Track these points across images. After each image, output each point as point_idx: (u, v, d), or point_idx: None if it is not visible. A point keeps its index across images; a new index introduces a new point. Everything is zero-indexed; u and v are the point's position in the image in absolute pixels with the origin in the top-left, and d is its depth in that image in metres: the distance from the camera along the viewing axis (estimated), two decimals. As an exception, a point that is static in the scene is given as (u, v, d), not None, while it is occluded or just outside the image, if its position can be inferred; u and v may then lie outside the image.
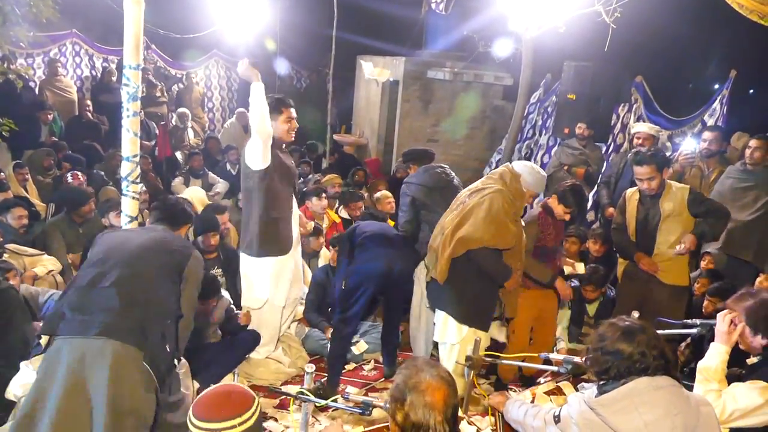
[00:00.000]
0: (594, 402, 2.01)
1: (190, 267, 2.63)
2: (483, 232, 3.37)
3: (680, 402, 1.95)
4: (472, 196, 3.53)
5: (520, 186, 3.53)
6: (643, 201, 4.06)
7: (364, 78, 10.06)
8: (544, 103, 8.14)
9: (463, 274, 3.52)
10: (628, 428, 1.92)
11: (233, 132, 9.32)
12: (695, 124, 6.22)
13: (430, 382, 1.76)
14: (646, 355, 1.98)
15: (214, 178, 7.28)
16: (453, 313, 3.59)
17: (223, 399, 1.83)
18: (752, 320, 2.54)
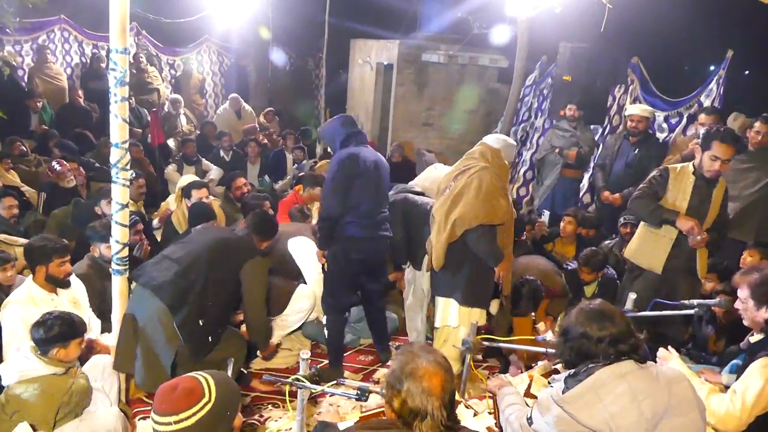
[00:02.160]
0: (560, 398, 1.98)
1: (246, 270, 3.30)
2: (478, 209, 3.38)
3: (647, 385, 1.90)
4: (457, 179, 3.53)
5: (502, 160, 3.57)
6: (698, 186, 3.67)
7: (358, 62, 9.97)
8: (540, 86, 8.07)
9: (461, 258, 3.53)
10: (595, 422, 1.89)
11: (226, 117, 9.24)
12: (691, 105, 6.17)
13: (427, 368, 1.73)
14: (589, 338, 1.96)
15: (208, 165, 7.22)
16: (457, 298, 3.61)
17: (169, 392, 1.73)
18: (757, 293, 2.56)
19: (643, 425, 1.86)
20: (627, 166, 5.73)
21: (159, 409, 1.72)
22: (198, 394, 1.72)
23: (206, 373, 1.80)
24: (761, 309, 2.54)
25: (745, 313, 2.62)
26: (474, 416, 2.74)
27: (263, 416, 3.53)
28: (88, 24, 9.52)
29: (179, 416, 1.68)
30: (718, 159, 3.53)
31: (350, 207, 3.71)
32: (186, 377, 1.79)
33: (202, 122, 9.34)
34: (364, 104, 9.92)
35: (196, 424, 1.69)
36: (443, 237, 3.47)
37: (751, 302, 2.57)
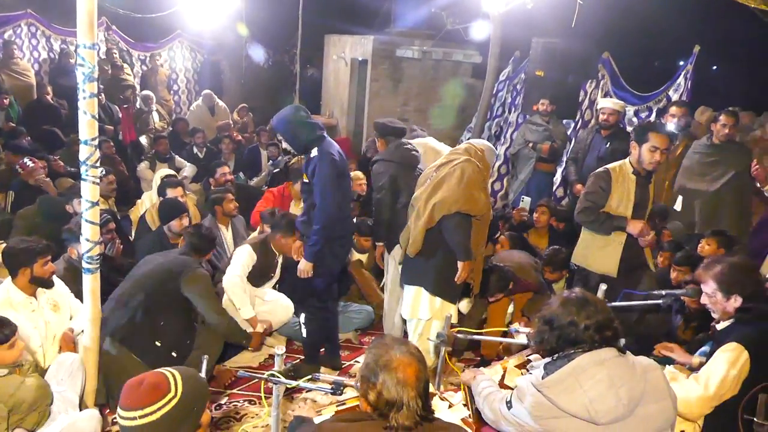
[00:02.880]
0: (540, 384, 2.02)
1: (186, 288, 3.46)
2: (458, 195, 3.43)
3: (625, 372, 1.95)
4: (440, 169, 3.57)
5: (485, 158, 3.65)
6: (638, 185, 3.74)
7: (333, 57, 9.94)
8: (513, 81, 8.14)
9: (436, 245, 3.57)
10: (575, 407, 1.93)
11: (199, 114, 9.13)
12: (660, 99, 6.29)
13: (401, 359, 1.75)
14: (575, 325, 1.99)
15: (181, 162, 7.13)
16: (427, 285, 3.64)
17: (134, 386, 1.73)
18: (725, 284, 2.59)
19: (620, 410, 1.90)
20: (599, 160, 5.81)
21: (124, 403, 1.71)
22: (163, 389, 1.72)
23: (174, 369, 1.80)
24: (731, 298, 2.57)
25: (714, 306, 2.65)
26: (449, 408, 2.77)
27: (239, 413, 3.52)
28: (56, 19, 9.33)
29: (144, 411, 1.68)
30: (658, 149, 3.60)
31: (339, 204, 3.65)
32: (153, 372, 1.78)
33: (174, 119, 9.22)
34: (339, 100, 9.90)
35: (161, 419, 1.69)
36: (422, 221, 3.51)
37: (719, 294, 2.59)
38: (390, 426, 1.70)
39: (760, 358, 2.45)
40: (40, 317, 3.28)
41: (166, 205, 4.71)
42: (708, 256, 3.53)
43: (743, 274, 2.57)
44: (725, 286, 2.58)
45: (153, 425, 1.68)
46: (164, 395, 1.71)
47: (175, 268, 3.52)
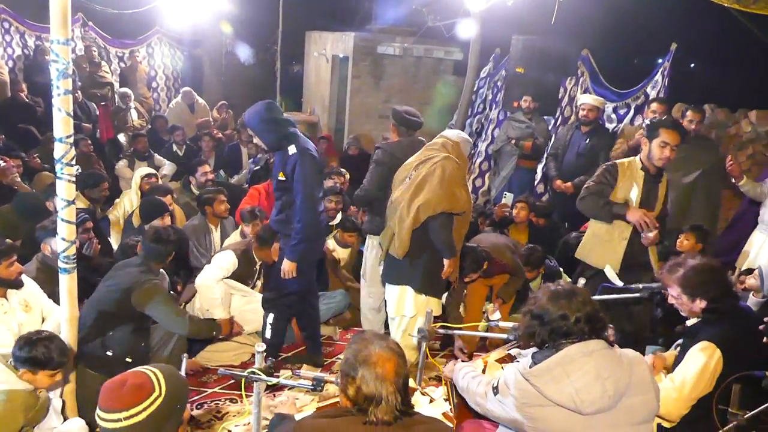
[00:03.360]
0: (528, 372, 2.04)
1: (137, 302, 3.34)
2: (441, 196, 3.41)
3: (611, 364, 1.98)
4: (419, 168, 3.54)
5: (462, 153, 3.63)
6: (646, 181, 3.70)
7: (314, 54, 9.90)
8: (494, 77, 8.18)
9: (422, 246, 3.56)
10: (561, 396, 1.96)
11: (179, 111, 9.05)
12: (638, 96, 6.36)
13: (381, 354, 1.76)
14: (567, 318, 2.01)
15: (161, 160, 7.06)
16: (414, 284, 3.63)
17: (117, 388, 1.70)
18: (688, 288, 2.62)
19: (606, 402, 1.93)
20: (578, 156, 5.88)
21: (107, 405, 1.68)
22: (148, 388, 1.70)
23: (153, 367, 1.78)
24: (695, 301, 2.61)
25: (681, 307, 2.69)
26: (430, 403, 2.78)
27: (220, 412, 3.51)
28: (30, 14, 9.16)
29: (129, 412, 1.66)
30: (668, 145, 3.56)
31: None
32: (134, 372, 1.76)
33: (153, 116, 9.13)
34: (320, 97, 9.87)
35: (148, 418, 1.67)
36: (407, 224, 3.47)
37: (684, 297, 2.63)
38: (369, 421, 1.71)
39: (732, 353, 2.50)
40: (13, 318, 3.22)
41: (148, 204, 4.67)
42: (686, 252, 3.59)
43: (706, 278, 2.59)
44: (689, 290, 2.61)
45: (139, 425, 1.66)
46: (149, 394, 1.69)
47: (124, 285, 3.38)
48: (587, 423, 1.95)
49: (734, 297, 2.75)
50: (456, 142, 3.63)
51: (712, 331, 2.57)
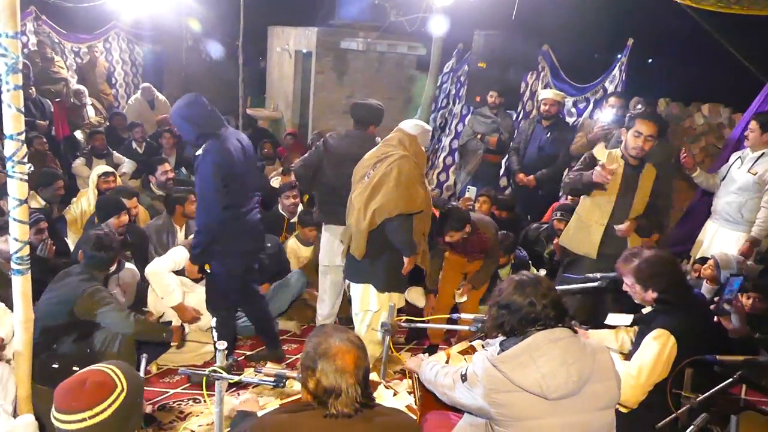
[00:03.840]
0: (496, 359, 2.08)
1: (80, 312, 3.23)
2: (397, 199, 3.39)
3: (576, 351, 2.05)
4: (376, 167, 3.52)
5: (419, 147, 3.59)
6: (625, 173, 3.79)
7: (276, 50, 9.81)
8: (457, 72, 8.24)
9: (381, 246, 3.55)
10: (528, 382, 2.00)
11: (138, 108, 8.86)
12: (597, 91, 6.50)
13: (340, 347, 1.77)
14: (534, 305, 2.07)
15: (120, 158, 6.90)
16: (376, 284, 3.63)
17: (77, 388, 1.67)
18: (641, 279, 2.73)
19: (570, 387, 1.99)
20: (540, 149, 5.98)
21: (67, 407, 1.65)
22: (110, 385, 1.68)
23: (109, 364, 1.76)
24: (648, 291, 2.71)
25: (635, 296, 2.80)
26: (394, 396, 2.80)
27: (183, 412, 3.46)
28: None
29: (94, 410, 1.63)
30: (641, 135, 3.66)
31: (228, 203, 3.49)
32: (91, 371, 1.73)
33: (111, 113, 8.92)
34: (284, 92, 9.79)
35: (113, 415, 1.65)
36: (363, 226, 3.47)
37: (637, 287, 2.74)
38: (329, 414, 1.71)
39: (685, 339, 2.58)
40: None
41: (104, 202, 4.56)
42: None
43: (658, 270, 2.69)
44: (641, 281, 2.72)
45: (104, 424, 1.63)
46: (112, 391, 1.67)
47: (64, 297, 3.28)
48: (552, 408, 2.01)
49: (686, 288, 2.85)
50: (413, 135, 3.58)
51: (665, 319, 2.66)
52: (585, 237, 3.93)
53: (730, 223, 4.48)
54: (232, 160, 3.42)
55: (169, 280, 3.93)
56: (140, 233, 4.59)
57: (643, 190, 3.82)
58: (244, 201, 3.60)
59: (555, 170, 5.86)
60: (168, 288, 3.90)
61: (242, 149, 3.55)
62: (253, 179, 3.72)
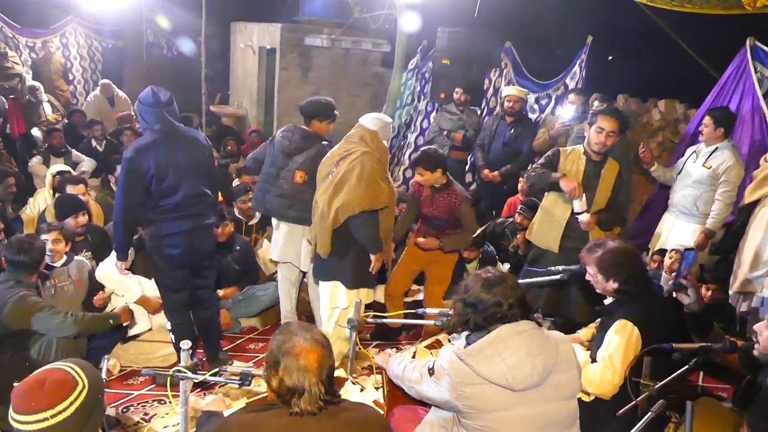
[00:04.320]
0: (462, 353, 2.11)
1: (9, 321, 3.09)
2: (360, 196, 3.40)
3: (540, 343, 2.09)
4: (339, 165, 3.52)
5: (381, 142, 3.58)
6: (587, 168, 3.88)
7: (240, 46, 9.70)
8: (422, 69, 8.27)
9: (347, 243, 3.56)
10: (494, 374, 2.04)
11: (97, 105, 8.67)
12: (558, 87, 6.60)
13: (304, 346, 1.76)
14: (501, 305, 2.10)
15: (79, 156, 6.74)
16: (345, 281, 3.63)
17: (36, 388, 1.63)
18: (603, 269, 2.78)
19: (535, 378, 2.03)
20: (504, 146, 6.06)
21: (27, 407, 1.60)
22: (71, 382, 1.65)
23: (67, 362, 1.72)
24: (609, 281, 2.78)
25: (596, 285, 2.86)
26: (361, 392, 2.81)
27: (148, 414, 3.41)
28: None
29: (56, 409, 1.60)
30: (603, 131, 3.74)
31: (156, 203, 3.41)
32: (49, 369, 1.69)
33: (69, 110, 8.69)
34: (248, 89, 9.69)
35: (75, 412, 1.62)
36: (327, 224, 3.47)
37: (599, 276, 2.80)
38: (294, 412, 1.71)
39: (645, 329, 2.65)
40: None
41: (63, 201, 4.46)
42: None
43: (619, 261, 2.75)
44: (603, 271, 2.77)
45: (66, 422, 1.60)
46: (73, 388, 1.63)
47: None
48: (518, 399, 2.05)
49: (647, 280, 2.93)
50: (374, 131, 3.56)
51: (626, 310, 2.72)
52: (548, 231, 4.01)
53: (686, 215, 4.61)
54: (143, 161, 3.30)
55: (121, 278, 3.86)
56: (101, 233, 4.50)
57: (605, 184, 3.90)
58: (178, 203, 3.43)
59: (519, 166, 5.94)
60: (123, 284, 3.84)
61: (185, 149, 3.42)
62: (196, 182, 3.48)
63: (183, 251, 3.50)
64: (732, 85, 5.07)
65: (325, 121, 4.13)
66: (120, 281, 3.85)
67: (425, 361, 2.37)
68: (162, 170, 3.33)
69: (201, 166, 3.50)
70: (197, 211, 3.51)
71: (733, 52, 5.07)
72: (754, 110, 4.87)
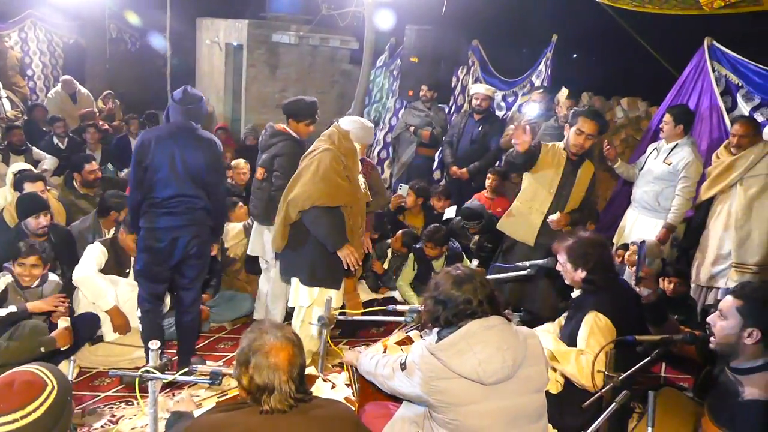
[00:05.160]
0: (434, 347, 2.14)
1: None
2: (312, 191, 3.35)
3: (510, 337, 2.14)
4: (304, 160, 3.53)
5: (350, 143, 3.53)
6: (565, 166, 3.98)
7: (206, 42, 9.58)
8: (390, 67, 8.29)
9: (303, 238, 3.52)
10: (465, 368, 2.07)
11: (59, 102, 8.45)
12: (525, 85, 6.70)
13: (274, 344, 1.76)
14: (471, 302, 2.14)
15: (40, 154, 6.56)
16: (302, 278, 3.58)
17: (5, 390, 1.61)
18: (572, 257, 2.87)
19: (506, 372, 2.07)
20: (472, 143, 6.12)
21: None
22: (40, 383, 1.64)
23: (35, 365, 1.70)
24: (577, 270, 2.86)
25: (566, 275, 2.94)
26: (332, 389, 2.82)
27: (115, 416, 3.35)
28: None
29: (26, 410, 1.58)
30: (583, 133, 3.84)
31: (147, 194, 3.42)
32: (16, 372, 1.67)
33: (30, 106, 8.45)
34: (215, 86, 9.57)
35: (45, 413, 1.60)
36: (280, 218, 3.47)
37: (568, 265, 2.88)
38: (264, 410, 1.71)
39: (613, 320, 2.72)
40: None
41: (24, 200, 4.33)
42: None
43: (588, 250, 2.84)
44: (572, 259, 2.86)
45: (36, 423, 1.58)
46: (43, 389, 1.62)
47: None
48: (488, 392, 2.08)
49: (613, 271, 3.02)
50: (345, 131, 3.53)
51: (595, 301, 2.80)
52: (524, 223, 4.08)
53: (648, 210, 4.73)
54: (145, 149, 3.37)
55: (100, 284, 3.81)
56: (65, 234, 4.39)
57: (581, 185, 4.00)
58: (165, 198, 3.41)
59: (487, 162, 6.01)
60: (101, 292, 3.79)
61: (188, 148, 3.38)
62: (191, 183, 3.42)
63: (165, 247, 3.46)
64: (691, 83, 5.22)
65: (302, 122, 4.10)
66: (97, 289, 3.79)
67: (397, 356, 2.40)
68: (159, 162, 3.34)
69: (200, 169, 3.43)
70: (183, 211, 3.44)
71: (692, 52, 5.22)
72: (712, 108, 5.02)
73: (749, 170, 4.27)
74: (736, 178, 4.32)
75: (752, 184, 4.29)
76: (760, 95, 4.73)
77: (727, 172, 4.38)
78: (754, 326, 2.21)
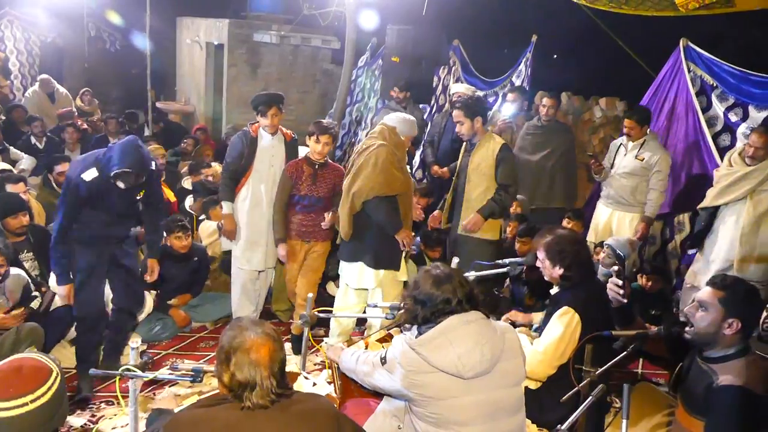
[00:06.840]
0: (414, 342, 2.16)
1: None
2: (374, 182, 3.71)
3: (488, 332, 2.17)
4: (359, 156, 3.84)
5: (398, 137, 3.87)
6: (465, 148, 4.31)
7: (186, 41, 9.53)
8: (372, 66, 8.31)
9: (365, 226, 3.83)
10: (445, 362, 2.10)
11: (37, 101, 8.34)
12: (505, 85, 6.76)
13: (255, 340, 1.77)
14: (450, 302, 2.17)
15: (17, 154, 6.48)
16: (367, 262, 3.85)
17: (13, 375, 1.66)
18: (550, 254, 2.91)
19: (484, 365, 2.10)
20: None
21: (5, 394, 1.63)
22: (47, 368, 1.70)
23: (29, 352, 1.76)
24: (555, 267, 2.90)
25: (544, 271, 2.98)
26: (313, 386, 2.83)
27: (95, 416, 3.33)
28: None
29: (36, 393, 1.64)
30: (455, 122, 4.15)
31: None
32: (20, 359, 1.73)
33: (9, 106, 8.33)
34: (195, 86, 9.53)
35: (52, 398, 1.66)
36: (345, 209, 3.81)
37: (547, 262, 2.92)
38: (245, 406, 1.72)
39: (586, 316, 2.77)
40: None
41: (2, 200, 4.29)
42: None
43: (566, 247, 2.88)
44: (550, 255, 2.91)
45: (44, 407, 1.64)
46: (50, 374, 1.69)
47: None
48: (467, 386, 2.11)
49: (590, 269, 3.07)
50: (392, 127, 3.87)
51: (570, 297, 2.85)
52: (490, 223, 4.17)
53: (624, 206, 4.82)
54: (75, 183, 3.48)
55: None
56: (43, 233, 4.35)
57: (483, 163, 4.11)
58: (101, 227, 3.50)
59: (467, 162, 6.05)
60: None
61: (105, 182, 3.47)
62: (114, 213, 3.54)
63: None
64: (667, 83, 5.31)
65: (258, 114, 4.21)
66: None
67: (377, 352, 2.42)
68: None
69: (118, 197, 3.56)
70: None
71: (668, 52, 5.31)
72: (688, 107, 5.11)
73: (762, 183, 4.13)
74: (749, 191, 4.17)
75: (762, 200, 4.16)
76: (733, 95, 4.82)
77: (740, 182, 4.20)
78: (735, 317, 2.26)
